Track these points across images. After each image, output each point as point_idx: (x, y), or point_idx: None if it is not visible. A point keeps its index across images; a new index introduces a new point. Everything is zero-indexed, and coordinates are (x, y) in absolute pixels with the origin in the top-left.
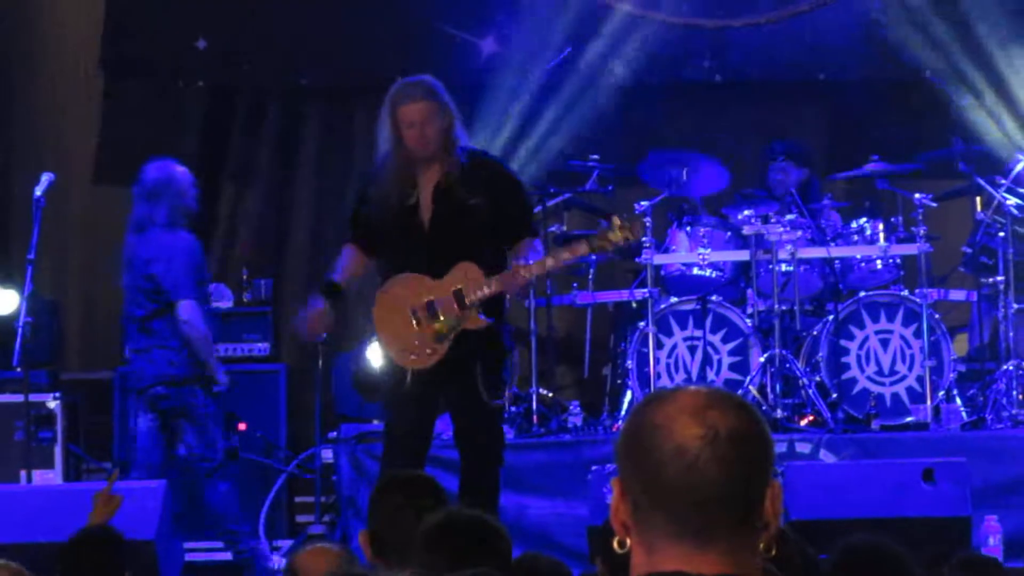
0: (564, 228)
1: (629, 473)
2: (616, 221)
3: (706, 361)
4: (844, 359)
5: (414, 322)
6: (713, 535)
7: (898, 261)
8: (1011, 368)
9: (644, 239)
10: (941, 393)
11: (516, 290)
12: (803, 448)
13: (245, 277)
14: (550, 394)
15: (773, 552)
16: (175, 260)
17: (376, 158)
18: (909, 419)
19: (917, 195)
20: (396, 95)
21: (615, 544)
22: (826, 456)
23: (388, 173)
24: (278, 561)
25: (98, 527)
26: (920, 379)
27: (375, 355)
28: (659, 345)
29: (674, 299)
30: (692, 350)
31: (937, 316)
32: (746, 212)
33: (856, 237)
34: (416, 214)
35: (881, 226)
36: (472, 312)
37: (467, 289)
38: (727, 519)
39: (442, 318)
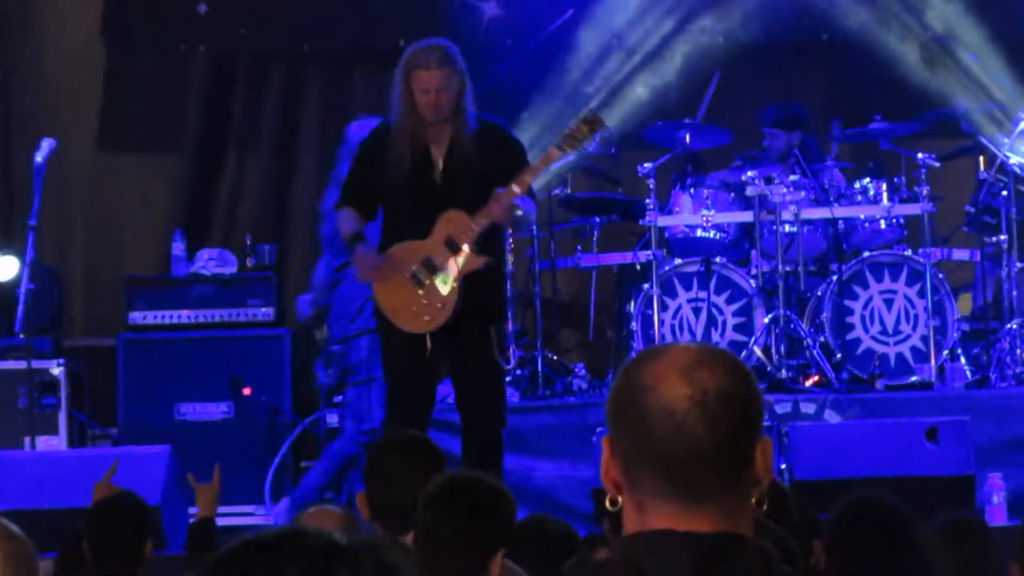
0: (568, 191)
1: (619, 433)
2: (580, 115)
3: (710, 322)
4: (848, 319)
5: (415, 285)
6: (703, 494)
7: (901, 221)
8: (1015, 327)
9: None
10: (945, 352)
11: (503, 214)
12: (808, 408)
13: (249, 242)
14: (555, 357)
15: (764, 506)
16: None
17: (384, 119)
18: (913, 378)
19: (920, 155)
20: (413, 59)
21: (607, 503)
22: (831, 416)
23: (400, 135)
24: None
25: (126, 493)
26: (924, 338)
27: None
28: (663, 307)
29: (678, 261)
30: (696, 312)
31: (941, 275)
32: (750, 173)
33: (860, 197)
34: (427, 175)
35: (884, 186)
36: (468, 254)
37: (456, 234)
38: (717, 478)
39: (440, 269)
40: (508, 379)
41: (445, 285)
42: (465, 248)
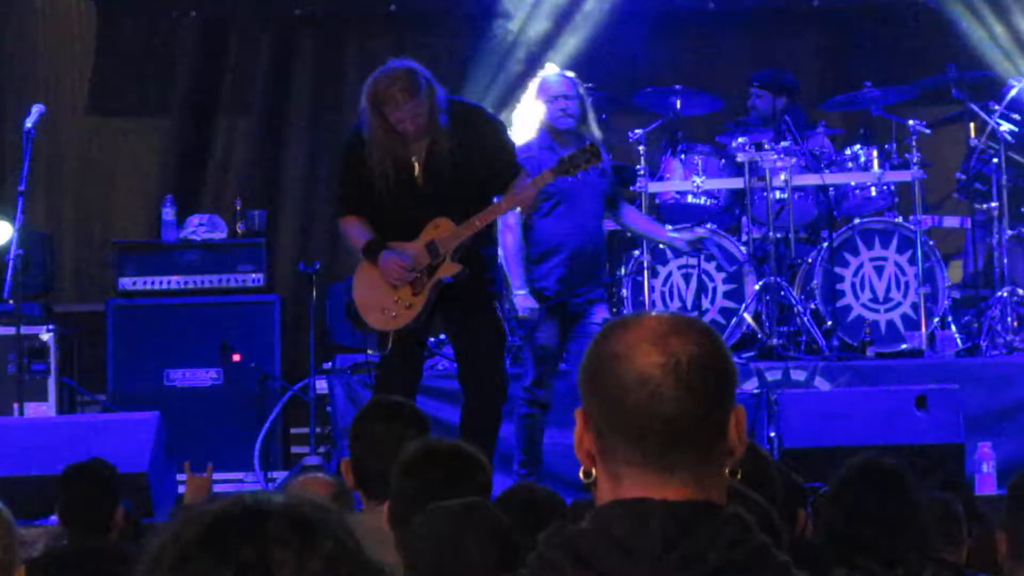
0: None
1: (592, 402)
2: (584, 147)
3: (701, 289)
4: (839, 286)
5: (388, 283)
6: (677, 462)
7: (892, 188)
8: (1005, 295)
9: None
10: (936, 320)
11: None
12: (798, 376)
13: (239, 208)
14: None
15: (739, 476)
16: None
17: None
18: (904, 346)
19: (911, 121)
20: (381, 95)
21: (581, 474)
22: (821, 383)
23: (379, 145)
24: None
25: (95, 459)
26: (915, 306)
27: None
28: (654, 273)
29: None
30: (687, 278)
31: (931, 243)
32: (740, 139)
33: (850, 164)
34: (408, 181)
35: (875, 153)
36: (446, 260)
37: (441, 241)
38: (690, 446)
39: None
40: None
41: (417, 288)
42: (443, 257)
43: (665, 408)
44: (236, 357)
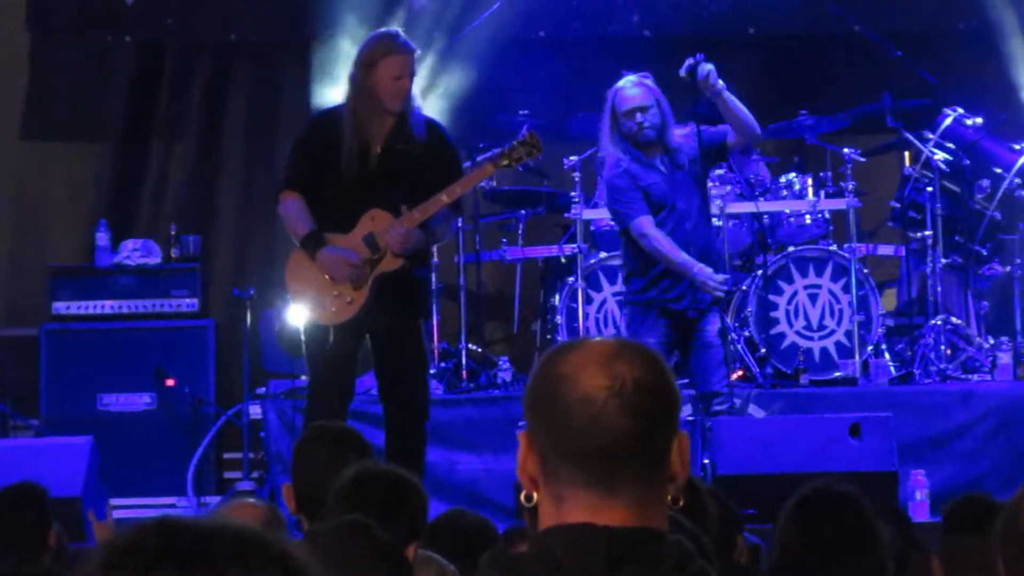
0: (494, 183)
1: (536, 424)
2: (521, 136)
3: None
4: (773, 314)
5: (327, 276)
6: (620, 486)
7: (827, 216)
8: (939, 323)
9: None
10: (869, 348)
11: (399, 242)
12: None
13: (173, 233)
14: (479, 349)
15: (681, 503)
16: None
17: (326, 109)
18: (837, 374)
19: (846, 150)
20: (382, 46)
21: (523, 498)
22: (755, 411)
23: (352, 123)
24: None
25: (26, 481)
26: (848, 334)
27: (295, 315)
28: (588, 300)
29: (603, 254)
30: (621, 305)
31: (866, 271)
32: None
33: (785, 192)
34: (363, 165)
35: (810, 181)
36: (387, 254)
37: (378, 234)
38: (633, 470)
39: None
40: (432, 371)
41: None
42: (383, 251)
43: (609, 431)
44: (170, 382)
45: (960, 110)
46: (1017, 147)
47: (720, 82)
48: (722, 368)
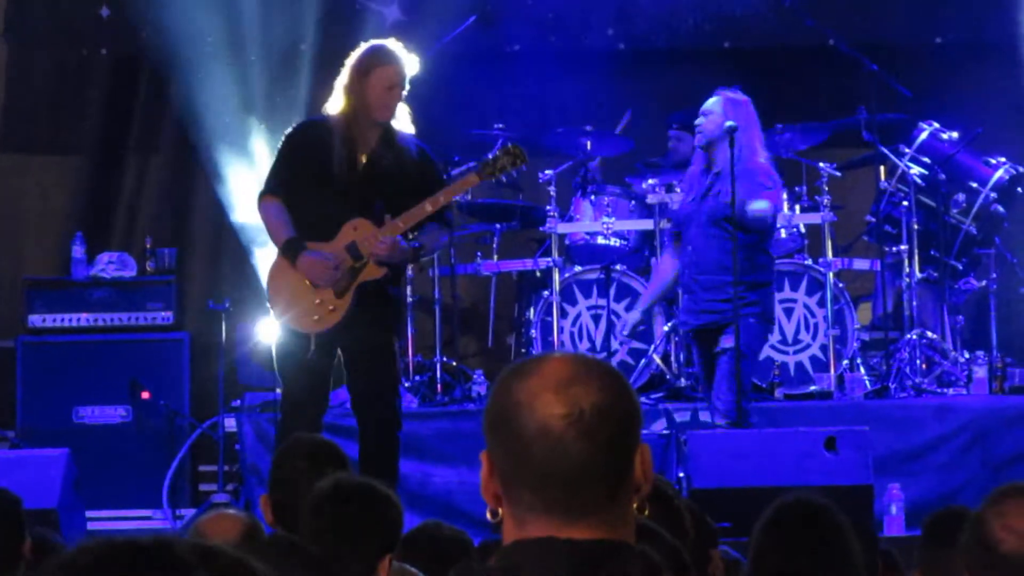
0: (469, 197)
1: (496, 450)
2: (505, 147)
3: (610, 330)
4: None
5: (309, 284)
6: (581, 509)
7: (802, 230)
8: (914, 337)
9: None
10: (845, 362)
11: (385, 252)
12: (706, 417)
13: (148, 246)
14: (454, 363)
15: (646, 512)
16: None
17: (313, 117)
18: (813, 388)
19: (821, 164)
20: (378, 56)
21: (488, 514)
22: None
23: (340, 131)
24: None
25: None
26: (824, 348)
27: (266, 331)
28: (563, 314)
29: (578, 268)
30: (596, 319)
31: (841, 285)
32: (650, 181)
33: None
34: (350, 174)
35: (785, 195)
36: (369, 263)
37: (361, 243)
38: (596, 493)
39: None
40: (407, 385)
41: (340, 291)
42: (366, 260)
43: (570, 458)
44: (145, 395)
45: (936, 124)
46: (993, 161)
47: None
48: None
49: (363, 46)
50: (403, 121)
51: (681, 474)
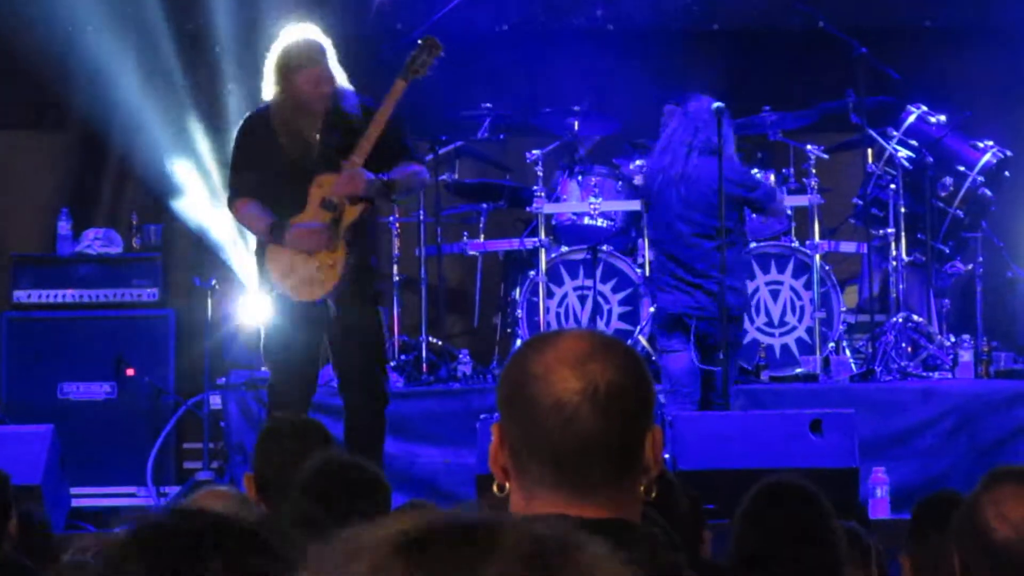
0: (456, 176)
1: (509, 421)
2: (419, 42)
3: (596, 311)
4: None
5: (304, 255)
6: (592, 485)
7: (789, 212)
8: (900, 320)
9: None
10: (831, 345)
11: (349, 185)
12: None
13: (135, 223)
14: (440, 342)
15: (653, 495)
16: None
17: (251, 113)
18: (798, 370)
19: (809, 146)
20: (292, 60)
21: (495, 488)
22: None
23: (284, 120)
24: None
25: None
26: (810, 330)
27: (248, 314)
28: (549, 294)
29: (565, 248)
30: (582, 300)
31: (827, 268)
32: (638, 162)
33: None
34: (305, 158)
35: (773, 177)
36: (344, 207)
37: (330, 194)
38: (605, 469)
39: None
40: (392, 364)
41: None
42: (340, 205)
43: (582, 433)
44: (130, 371)
45: (924, 107)
46: (980, 145)
47: None
48: None
49: (281, 40)
50: (340, 77)
51: (667, 456)
